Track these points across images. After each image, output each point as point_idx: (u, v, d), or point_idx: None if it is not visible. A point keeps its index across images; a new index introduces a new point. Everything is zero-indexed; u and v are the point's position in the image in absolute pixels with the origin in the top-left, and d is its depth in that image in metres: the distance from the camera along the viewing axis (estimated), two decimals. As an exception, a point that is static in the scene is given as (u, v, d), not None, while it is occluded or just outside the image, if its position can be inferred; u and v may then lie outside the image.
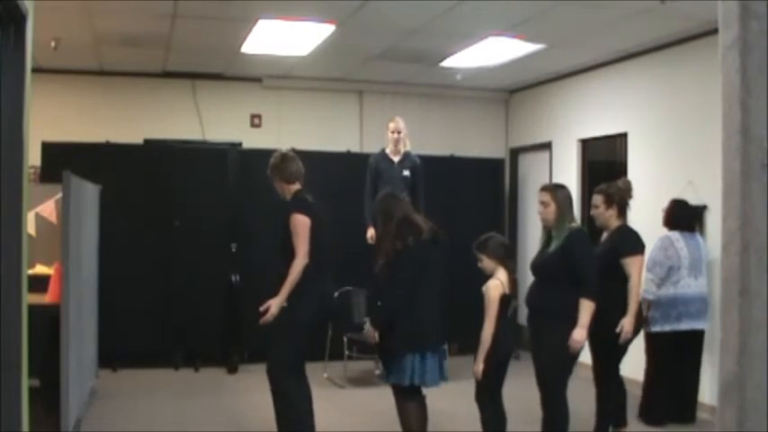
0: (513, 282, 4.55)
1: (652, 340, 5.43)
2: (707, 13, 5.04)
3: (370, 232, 6.70)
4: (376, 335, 4.29)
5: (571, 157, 7.92)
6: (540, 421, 4.42)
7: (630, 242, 4.90)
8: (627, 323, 4.65)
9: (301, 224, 4.50)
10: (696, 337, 5.50)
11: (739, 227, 1.86)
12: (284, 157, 4.85)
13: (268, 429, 5.32)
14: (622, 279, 4.73)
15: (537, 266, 4.52)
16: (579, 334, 4.20)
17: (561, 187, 4.56)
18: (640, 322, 4.95)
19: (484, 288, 4.48)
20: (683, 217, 5.67)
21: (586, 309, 4.20)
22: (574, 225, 4.47)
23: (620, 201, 4.97)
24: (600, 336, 4.51)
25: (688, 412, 5.51)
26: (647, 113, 6.86)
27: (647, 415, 5.46)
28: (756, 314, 1.84)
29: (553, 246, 4.39)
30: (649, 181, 6.79)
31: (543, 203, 4.43)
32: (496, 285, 4.44)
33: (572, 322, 4.22)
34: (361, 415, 5.71)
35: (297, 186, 4.74)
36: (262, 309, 4.42)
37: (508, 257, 4.59)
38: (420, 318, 4.27)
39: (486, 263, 4.51)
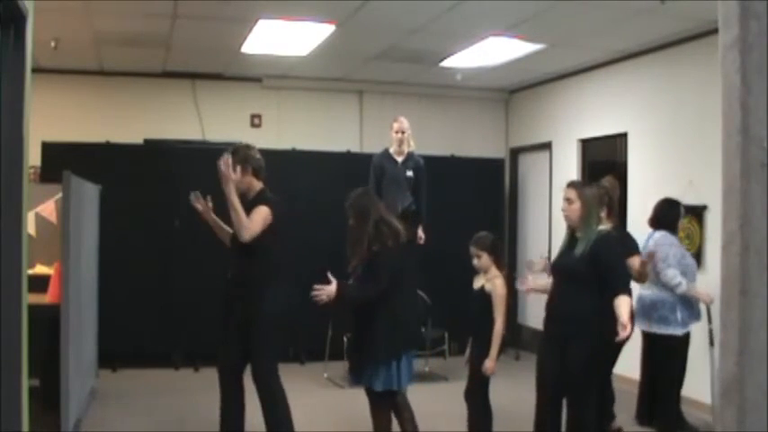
0: (509, 279, 4.57)
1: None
2: (707, 13, 5.04)
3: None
4: (333, 289, 4.11)
5: (571, 157, 7.92)
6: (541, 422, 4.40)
7: (630, 243, 4.94)
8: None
9: (261, 212, 4.30)
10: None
11: (739, 227, 1.86)
12: (252, 148, 4.57)
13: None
14: None
15: (562, 269, 4.30)
16: (623, 331, 3.92)
17: (588, 185, 4.41)
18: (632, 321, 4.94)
19: (489, 286, 4.50)
20: (667, 215, 5.51)
21: (624, 304, 3.97)
22: (602, 227, 4.31)
23: (609, 201, 4.92)
24: None
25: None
26: (647, 113, 6.86)
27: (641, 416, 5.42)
28: (756, 314, 1.84)
29: (579, 248, 4.15)
30: (649, 181, 6.80)
31: (568, 200, 4.20)
32: (503, 283, 4.48)
33: (601, 329, 4.03)
34: (361, 415, 5.70)
35: (261, 183, 4.53)
36: (225, 164, 4.24)
37: (501, 256, 4.64)
38: (402, 321, 4.23)
39: (484, 260, 4.54)
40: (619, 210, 5.53)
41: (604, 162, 7.67)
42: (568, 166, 7.87)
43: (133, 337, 6.98)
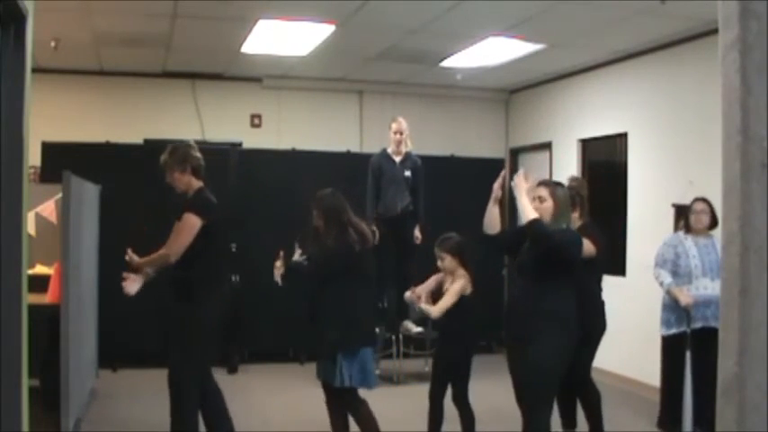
0: (475, 281, 4.56)
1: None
2: (707, 13, 5.04)
3: (371, 232, 6.71)
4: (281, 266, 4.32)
5: (571, 157, 7.92)
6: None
7: (592, 230, 4.76)
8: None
9: (191, 226, 4.23)
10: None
11: (739, 227, 1.86)
12: (192, 146, 4.49)
13: (268, 429, 5.33)
14: (594, 279, 4.66)
15: (524, 266, 4.11)
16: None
17: (561, 185, 4.29)
18: (604, 322, 4.81)
19: (451, 286, 4.53)
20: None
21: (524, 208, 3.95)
22: (570, 227, 4.18)
23: (581, 200, 4.84)
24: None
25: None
26: (647, 113, 6.86)
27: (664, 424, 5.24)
28: (756, 314, 1.84)
29: None
30: (649, 181, 6.80)
31: (540, 198, 4.06)
32: (465, 283, 4.51)
33: (565, 325, 3.91)
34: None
35: (201, 182, 4.43)
36: (127, 257, 4.31)
37: (468, 257, 4.60)
38: (348, 319, 4.25)
39: (448, 262, 4.56)
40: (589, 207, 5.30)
41: (604, 162, 7.67)
42: (568, 166, 7.87)
43: (133, 337, 6.97)
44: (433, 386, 4.66)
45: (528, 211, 3.95)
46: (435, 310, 4.48)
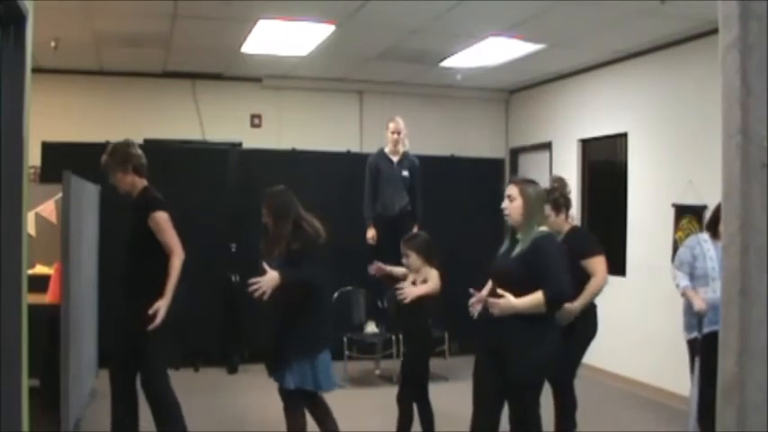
0: (442, 279, 4.58)
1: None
2: (707, 13, 5.03)
3: (371, 233, 6.71)
4: (275, 276, 4.03)
5: (571, 157, 7.92)
6: None
7: (591, 242, 4.75)
8: (574, 306, 4.37)
9: (165, 220, 4.24)
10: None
11: (739, 227, 1.86)
12: (132, 145, 4.40)
13: (268, 429, 5.33)
14: (582, 283, 4.52)
15: (497, 273, 3.91)
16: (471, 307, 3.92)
17: (533, 183, 3.97)
18: (595, 325, 4.74)
19: (432, 284, 4.52)
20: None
21: (528, 301, 3.65)
22: (543, 229, 3.89)
23: (566, 202, 4.75)
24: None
25: None
26: (647, 113, 6.86)
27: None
28: (756, 314, 1.84)
29: (517, 249, 3.81)
30: (649, 181, 6.80)
31: (509, 197, 3.83)
32: (437, 275, 4.55)
33: (542, 338, 3.74)
34: (361, 415, 5.70)
35: (145, 181, 4.38)
36: (151, 312, 4.04)
37: (434, 256, 4.60)
38: (321, 320, 4.19)
39: (413, 259, 4.57)
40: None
41: (604, 162, 7.67)
42: (568, 166, 7.87)
43: (133, 337, 6.95)
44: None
45: (510, 308, 3.74)
46: (422, 289, 4.50)
